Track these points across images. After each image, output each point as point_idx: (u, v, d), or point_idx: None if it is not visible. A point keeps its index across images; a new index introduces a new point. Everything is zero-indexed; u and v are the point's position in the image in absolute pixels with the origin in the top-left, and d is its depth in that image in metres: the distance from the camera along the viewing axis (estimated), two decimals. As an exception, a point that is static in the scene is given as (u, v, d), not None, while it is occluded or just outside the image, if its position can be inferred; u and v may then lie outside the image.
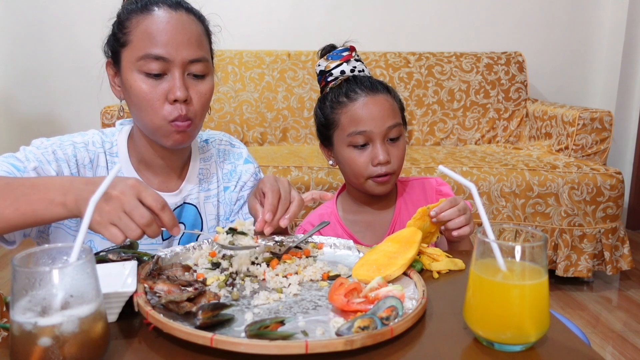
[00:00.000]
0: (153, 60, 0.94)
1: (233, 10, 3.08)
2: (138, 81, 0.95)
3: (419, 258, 0.90)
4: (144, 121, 0.98)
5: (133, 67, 0.95)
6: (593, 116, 2.56)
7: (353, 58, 1.22)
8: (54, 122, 3.21)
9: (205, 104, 1.01)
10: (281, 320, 0.65)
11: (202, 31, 1.00)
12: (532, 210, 2.44)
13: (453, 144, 3.05)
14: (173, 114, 0.95)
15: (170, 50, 0.94)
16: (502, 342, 0.64)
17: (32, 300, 0.55)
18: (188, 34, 0.96)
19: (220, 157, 1.18)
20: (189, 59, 0.96)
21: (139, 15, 0.96)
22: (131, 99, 0.98)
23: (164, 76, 0.95)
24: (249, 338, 0.61)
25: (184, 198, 1.09)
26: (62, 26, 3.10)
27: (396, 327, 0.64)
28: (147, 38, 0.94)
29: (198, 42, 0.97)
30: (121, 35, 0.98)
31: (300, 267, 0.86)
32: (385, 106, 1.16)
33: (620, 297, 2.47)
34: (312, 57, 3.02)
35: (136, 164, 1.07)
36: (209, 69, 1.00)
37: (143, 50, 0.94)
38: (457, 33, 3.28)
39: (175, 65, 0.95)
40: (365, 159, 1.16)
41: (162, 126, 0.96)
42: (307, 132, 2.98)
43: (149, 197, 0.77)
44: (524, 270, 0.64)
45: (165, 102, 0.95)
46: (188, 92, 0.96)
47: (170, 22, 0.95)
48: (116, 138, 1.08)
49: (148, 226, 0.75)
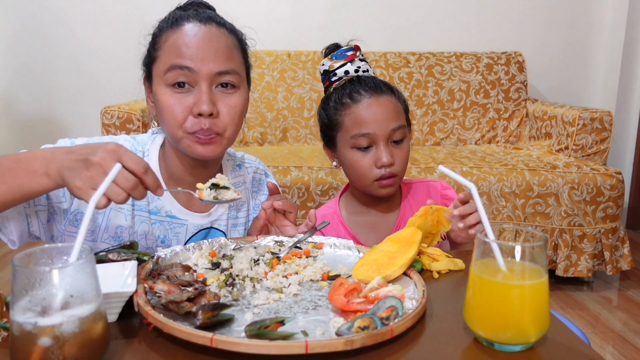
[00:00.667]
0: (179, 71, 0.93)
1: (233, 10, 3.07)
2: (165, 94, 0.95)
3: (419, 258, 0.90)
4: (168, 132, 0.98)
5: (161, 80, 0.95)
6: (593, 116, 2.56)
7: (357, 58, 1.21)
8: (54, 122, 3.20)
9: (236, 118, 0.98)
10: (281, 320, 0.65)
11: (234, 44, 0.99)
12: (532, 210, 2.44)
13: (453, 144, 3.05)
14: (194, 127, 0.94)
15: (196, 62, 0.93)
16: (502, 342, 0.64)
17: (32, 300, 0.55)
18: (216, 46, 0.95)
19: (254, 187, 1.18)
20: (216, 70, 0.94)
21: (169, 30, 0.96)
22: (159, 112, 0.98)
23: (191, 89, 0.94)
24: (249, 338, 0.61)
25: (212, 222, 1.08)
26: (62, 26, 3.10)
27: (396, 327, 0.64)
28: (174, 51, 0.94)
29: (227, 55, 0.96)
30: (152, 51, 0.98)
31: (300, 267, 0.86)
32: (389, 108, 1.15)
33: (620, 297, 2.47)
34: (312, 57, 3.02)
35: (166, 178, 1.05)
36: (239, 81, 0.99)
37: (169, 62, 0.94)
38: (457, 33, 3.28)
39: (201, 77, 0.94)
40: (369, 161, 1.15)
41: (183, 137, 0.95)
42: (307, 132, 2.98)
43: (130, 161, 0.75)
44: (524, 270, 0.64)
45: (190, 115, 0.94)
46: (215, 105, 0.95)
47: (198, 35, 0.94)
48: (148, 148, 1.06)
49: (133, 189, 0.75)
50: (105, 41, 3.09)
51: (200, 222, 1.06)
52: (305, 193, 2.37)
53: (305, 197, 2.37)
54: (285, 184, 2.35)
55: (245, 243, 0.97)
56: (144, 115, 2.39)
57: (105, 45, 3.09)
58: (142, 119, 2.40)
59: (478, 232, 0.67)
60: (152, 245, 1.03)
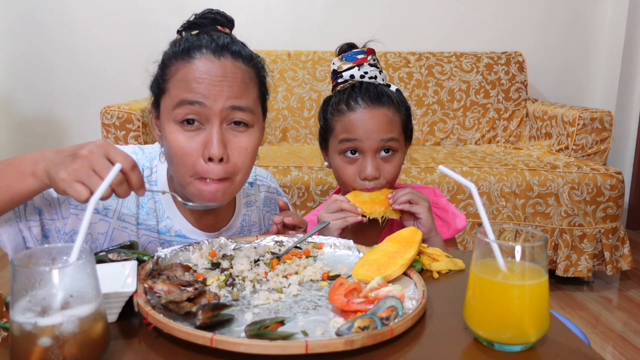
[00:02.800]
0: (189, 107, 0.87)
1: (233, 11, 3.07)
2: (174, 133, 0.88)
3: (419, 258, 0.89)
4: (176, 176, 0.93)
5: (170, 116, 0.89)
6: (593, 116, 2.56)
7: (368, 62, 1.17)
8: (54, 122, 3.20)
9: (247, 162, 0.92)
10: (281, 320, 0.65)
11: (250, 77, 0.92)
12: (532, 210, 2.44)
13: (453, 144, 3.05)
14: (206, 174, 0.88)
15: (208, 97, 0.87)
16: (502, 342, 0.64)
17: (32, 300, 0.55)
18: (230, 82, 0.88)
19: (267, 206, 1.16)
20: (230, 105, 0.87)
21: (179, 61, 0.89)
22: (167, 150, 0.92)
23: (201, 127, 0.88)
24: (249, 338, 0.61)
25: None
26: (62, 26, 3.10)
27: (396, 327, 0.64)
28: (184, 85, 0.88)
29: (242, 90, 0.89)
30: (162, 81, 0.92)
31: (300, 267, 0.86)
32: (382, 120, 1.12)
33: (620, 297, 2.47)
34: (312, 57, 3.02)
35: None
36: (253, 120, 0.91)
37: (179, 97, 0.88)
38: (457, 33, 3.28)
39: (213, 113, 0.87)
40: (354, 171, 1.14)
41: (191, 183, 0.90)
42: (307, 132, 2.98)
43: (118, 156, 0.74)
44: (524, 270, 0.64)
45: (200, 158, 0.88)
46: (225, 148, 0.88)
47: (211, 71, 0.87)
48: (156, 164, 1.02)
49: (119, 185, 0.74)
50: (106, 41, 3.09)
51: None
52: (305, 193, 2.37)
53: (305, 197, 2.37)
54: (285, 184, 2.35)
55: (245, 243, 0.97)
56: (144, 115, 2.38)
57: (105, 46, 3.09)
58: (142, 119, 2.40)
59: (478, 232, 0.67)
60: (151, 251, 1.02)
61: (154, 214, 1.00)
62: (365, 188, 1.13)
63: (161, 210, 1.00)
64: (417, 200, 1.09)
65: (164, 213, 1.00)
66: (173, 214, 1.01)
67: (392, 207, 1.10)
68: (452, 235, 1.24)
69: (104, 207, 0.96)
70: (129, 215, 0.98)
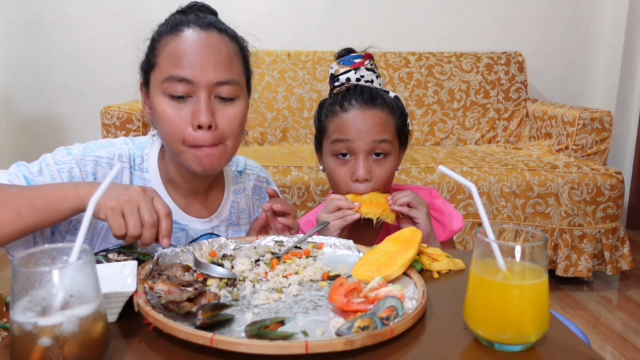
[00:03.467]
0: (177, 83, 0.91)
1: (233, 10, 3.08)
2: (162, 104, 0.93)
3: (419, 258, 0.89)
4: (168, 145, 0.96)
5: (159, 89, 0.93)
6: (593, 116, 2.56)
7: (365, 66, 1.17)
8: (54, 122, 3.20)
9: (236, 129, 0.96)
10: (281, 320, 0.65)
11: (235, 52, 0.97)
12: (532, 210, 2.44)
13: (453, 144, 3.05)
14: (196, 141, 0.92)
15: (195, 72, 0.91)
16: (502, 342, 0.64)
17: (32, 300, 0.55)
18: (216, 55, 0.92)
19: (256, 195, 1.17)
20: (216, 81, 0.92)
21: (168, 36, 0.94)
22: (157, 122, 0.96)
23: (189, 99, 0.92)
24: (249, 338, 0.61)
25: (213, 228, 1.08)
26: (62, 26, 3.10)
27: (396, 327, 0.64)
28: (173, 60, 0.92)
29: (227, 64, 0.94)
30: (151, 57, 0.96)
31: (300, 267, 0.86)
32: (375, 121, 1.12)
33: (620, 297, 2.47)
34: (312, 57, 3.02)
35: (165, 182, 1.04)
36: (238, 92, 0.96)
37: (168, 72, 0.92)
38: (457, 33, 3.28)
39: (200, 87, 0.91)
40: (346, 173, 1.13)
41: (184, 151, 0.94)
42: (307, 132, 2.98)
43: (159, 202, 0.81)
44: (524, 270, 0.64)
45: (189, 127, 0.92)
46: (214, 117, 0.92)
47: (198, 42, 0.92)
48: (147, 152, 1.05)
49: (150, 227, 0.78)
50: (106, 41, 3.09)
51: (200, 227, 1.06)
52: (305, 193, 2.37)
53: (305, 197, 2.37)
54: (285, 184, 2.35)
55: (245, 243, 0.97)
56: (144, 116, 2.38)
57: (105, 46, 3.09)
58: (142, 119, 2.40)
59: (478, 232, 0.67)
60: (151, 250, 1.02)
61: None
62: (357, 191, 1.12)
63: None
64: (416, 205, 1.09)
65: None
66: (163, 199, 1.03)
67: (391, 208, 1.09)
68: (447, 238, 1.23)
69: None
70: None
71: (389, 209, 1.09)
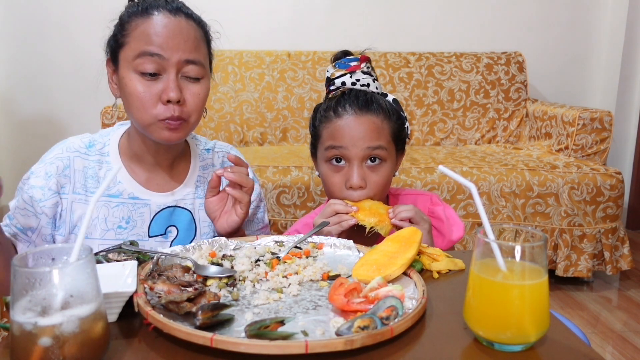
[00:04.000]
0: (148, 58, 0.96)
1: (233, 10, 3.08)
2: (133, 80, 0.98)
3: (419, 258, 0.90)
4: (136, 118, 1.00)
5: (130, 66, 0.98)
6: (593, 116, 2.56)
7: (361, 70, 1.15)
8: (54, 122, 3.20)
9: (200, 105, 1.02)
10: (281, 320, 0.65)
11: (201, 36, 1.03)
12: (532, 210, 2.44)
13: (453, 144, 3.05)
14: (165, 114, 0.97)
15: (166, 49, 0.96)
16: (502, 342, 0.64)
17: (32, 300, 0.55)
18: (185, 37, 0.98)
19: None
20: (185, 58, 0.98)
21: (138, 18, 0.99)
22: (126, 97, 1.00)
23: (159, 76, 0.98)
24: (249, 338, 0.61)
25: (177, 202, 1.10)
26: (62, 27, 3.10)
27: (396, 327, 0.64)
28: (144, 38, 0.97)
29: (195, 46, 1.00)
30: (120, 36, 1.01)
31: (300, 267, 0.86)
32: (369, 127, 1.10)
33: (620, 297, 2.47)
34: (312, 57, 3.02)
35: (128, 160, 1.09)
36: (204, 72, 1.02)
37: (140, 49, 0.97)
38: (457, 33, 3.28)
39: (170, 65, 0.97)
40: (340, 180, 1.12)
41: (152, 123, 0.99)
42: (307, 132, 2.97)
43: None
44: (524, 270, 0.64)
45: (159, 102, 0.97)
46: (182, 93, 0.98)
47: (168, 25, 0.97)
48: (110, 137, 1.10)
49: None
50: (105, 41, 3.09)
51: (162, 200, 1.09)
52: (306, 193, 2.37)
53: (305, 197, 2.37)
54: (285, 184, 2.35)
55: (245, 243, 0.97)
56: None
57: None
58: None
59: (478, 232, 0.67)
60: (113, 227, 1.06)
61: None
62: (351, 198, 1.10)
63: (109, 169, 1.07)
64: (418, 221, 1.06)
65: (116, 178, 1.07)
66: (124, 178, 1.07)
67: (391, 221, 1.06)
68: (446, 247, 1.18)
69: (61, 186, 1.04)
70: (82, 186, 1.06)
71: (386, 221, 1.06)
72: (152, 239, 1.08)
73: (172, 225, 1.10)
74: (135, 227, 1.07)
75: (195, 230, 1.12)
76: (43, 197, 1.02)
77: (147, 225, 1.07)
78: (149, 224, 1.07)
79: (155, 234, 1.08)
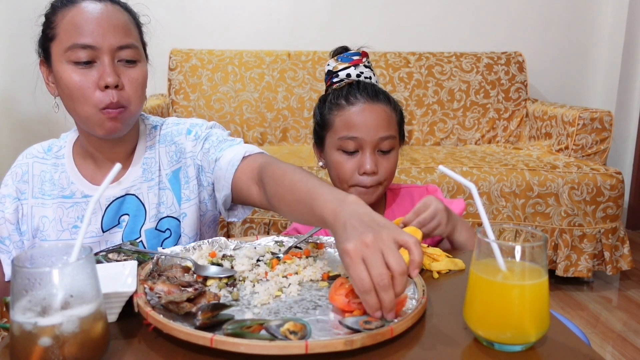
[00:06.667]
0: (80, 49, 0.95)
1: (233, 10, 3.08)
2: (68, 71, 0.96)
3: (419, 258, 0.89)
4: (77, 111, 0.99)
5: (62, 58, 0.96)
6: (593, 116, 2.56)
7: (363, 64, 1.19)
8: (54, 122, 3.20)
9: (139, 90, 1.01)
10: (262, 322, 0.64)
11: (129, 20, 1.02)
12: (532, 210, 2.44)
13: (453, 144, 3.05)
14: (104, 101, 0.95)
15: (97, 37, 0.95)
16: (502, 342, 0.64)
17: (32, 300, 0.55)
18: (114, 22, 0.97)
19: (163, 142, 1.13)
20: (117, 45, 0.96)
21: (64, 9, 0.97)
22: (63, 91, 0.99)
23: (94, 64, 0.96)
24: (226, 336, 0.60)
25: (127, 189, 1.07)
26: (62, 26, 3.10)
27: (396, 327, 0.64)
28: (74, 28, 0.95)
29: (125, 30, 0.99)
30: (49, 30, 0.99)
31: (300, 267, 0.86)
32: (381, 116, 1.14)
33: (620, 297, 2.47)
34: (312, 57, 3.02)
35: (81, 159, 1.08)
36: (139, 55, 1.01)
37: (70, 41, 0.95)
38: (457, 33, 3.28)
39: (103, 52, 0.96)
40: (352, 166, 1.14)
41: (93, 114, 0.97)
42: (307, 132, 2.97)
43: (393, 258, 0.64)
44: (524, 270, 0.64)
45: (97, 89, 0.96)
46: (119, 78, 0.97)
47: (95, 12, 0.96)
48: (67, 139, 1.11)
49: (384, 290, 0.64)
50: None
51: (111, 193, 1.06)
52: (305, 193, 2.37)
53: (305, 197, 2.37)
54: (285, 184, 2.35)
55: (245, 243, 0.97)
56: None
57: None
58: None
59: (478, 232, 0.67)
60: (68, 227, 1.05)
61: (59, 183, 1.07)
62: (363, 183, 1.13)
63: (66, 179, 1.07)
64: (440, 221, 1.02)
65: (69, 179, 1.07)
66: (76, 178, 1.07)
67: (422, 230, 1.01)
68: None
69: (21, 192, 1.06)
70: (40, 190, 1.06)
71: None
72: (107, 233, 1.06)
73: (124, 214, 1.07)
74: (90, 225, 1.05)
75: (145, 214, 1.08)
76: (5, 205, 1.05)
77: (99, 221, 1.05)
78: (101, 219, 1.05)
79: (109, 226, 1.06)
